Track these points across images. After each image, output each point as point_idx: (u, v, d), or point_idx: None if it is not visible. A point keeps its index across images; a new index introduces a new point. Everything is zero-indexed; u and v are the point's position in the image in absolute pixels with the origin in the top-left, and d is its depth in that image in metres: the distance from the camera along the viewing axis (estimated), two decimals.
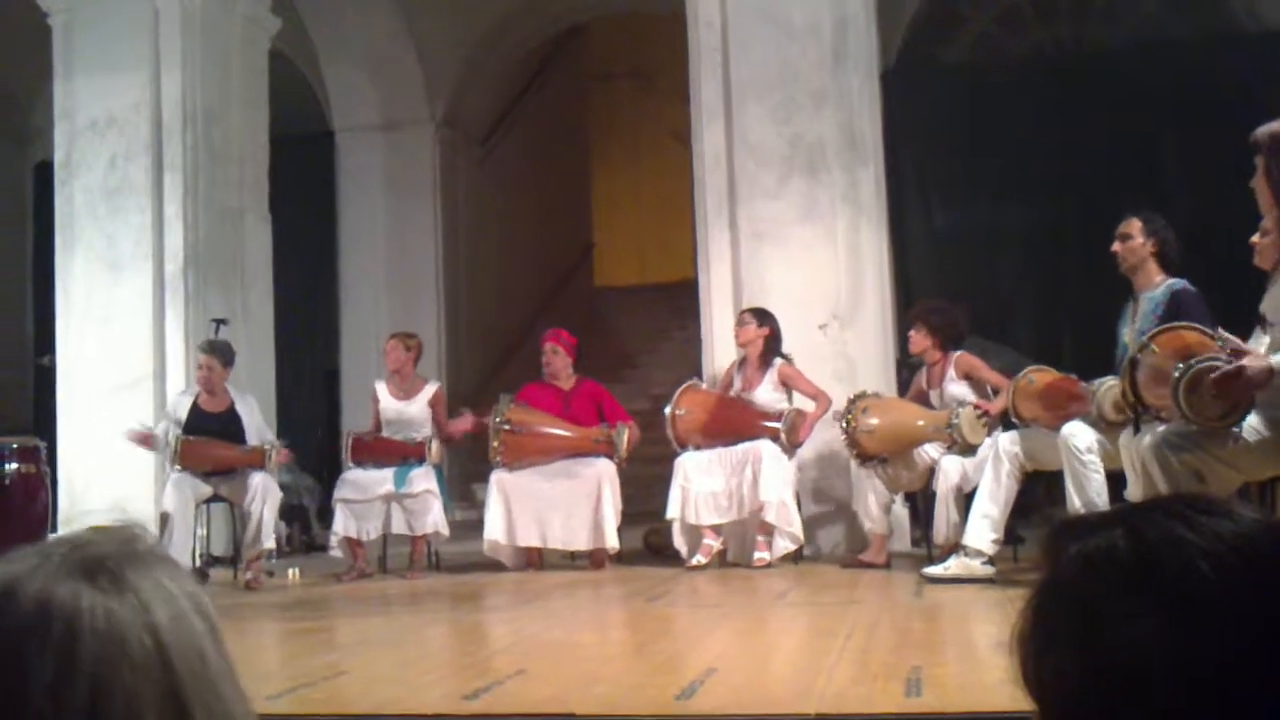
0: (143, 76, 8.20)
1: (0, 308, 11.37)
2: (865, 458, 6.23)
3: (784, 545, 6.38)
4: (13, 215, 11.79)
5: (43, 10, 8.47)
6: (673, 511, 6.51)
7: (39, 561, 0.82)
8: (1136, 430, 4.35)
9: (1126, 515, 0.83)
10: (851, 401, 6.26)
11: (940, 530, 5.89)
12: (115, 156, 8.25)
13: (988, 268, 8.96)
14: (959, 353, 6.31)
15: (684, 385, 6.84)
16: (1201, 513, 0.81)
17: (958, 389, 6.20)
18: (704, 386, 6.97)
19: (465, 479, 10.03)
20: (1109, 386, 4.99)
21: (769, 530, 6.34)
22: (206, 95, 8.31)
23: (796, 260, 7.15)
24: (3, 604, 0.80)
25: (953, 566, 5.38)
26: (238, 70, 8.60)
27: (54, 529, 6.94)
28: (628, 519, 6.94)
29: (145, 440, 6.86)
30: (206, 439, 6.75)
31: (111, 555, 0.83)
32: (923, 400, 6.40)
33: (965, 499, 5.78)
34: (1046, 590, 0.84)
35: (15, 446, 6.31)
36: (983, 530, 5.38)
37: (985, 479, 5.49)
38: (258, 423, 7.04)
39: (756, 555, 6.33)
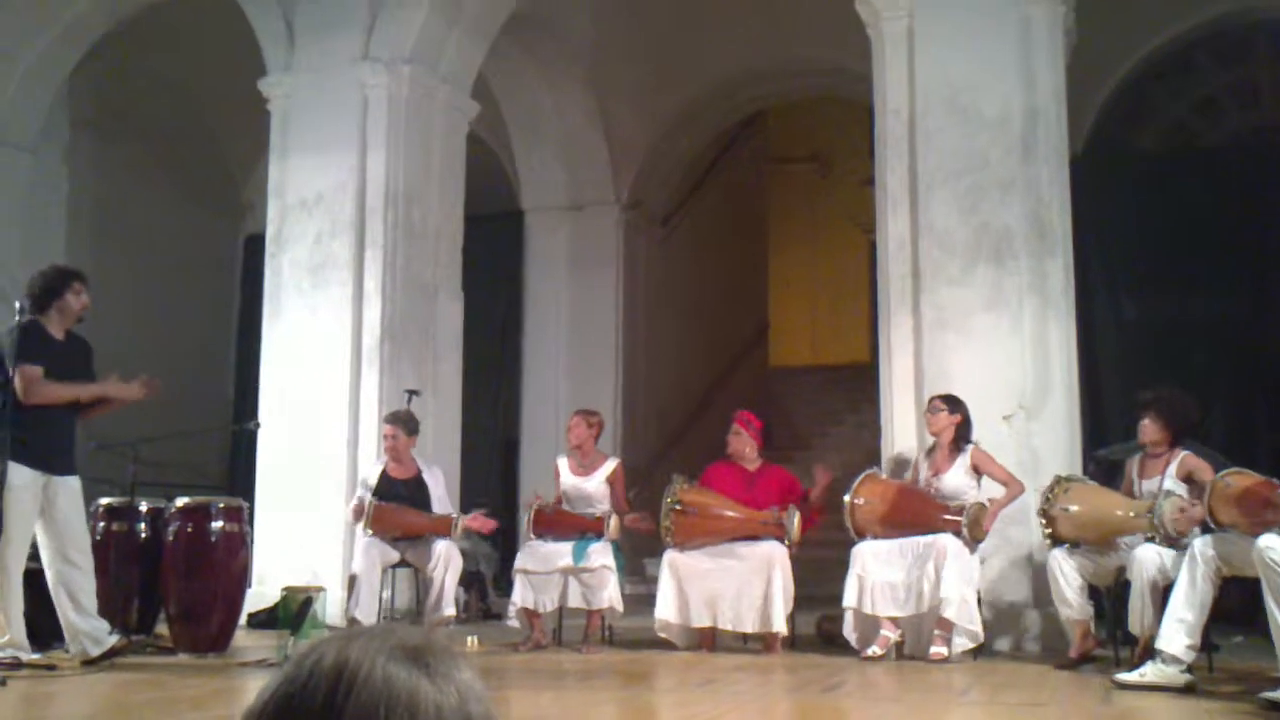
0: (350, 158, 8.68)
1: (206, 372, 12.03)
2: (1058, 540, 6.07)
3: (961, 642, 6.25)
4: (223, 285, 12.54)
5: (263, 96, 9.07)
6: (849, 600, 6.44)
7: (374, 645, 0.93)
8: None
9: None
10: (1055, 482, 6.14)
11: (1135, 622, 5.59)
12: (321, 233, 8.72)
13: (1178, 361, 8.64)
14: (1186, 452, 5.98)
15: (864, 474, 6.77)
16: None
17: (1175, 488, 5.85)
18: (884, 475, 6.91)
19: (637, 554, 10.12)
20: None
21: (948, 626, 6.22)
22: (408, 177, 8.75)
23: (980, 349, 7.06)
24: (356, 677, 0.90)
25: (1149, 673, 5.15)
26: (438, 153, 9.03)
27: (250, 586, 7.27)
28: (800, 602, 6.89)
29: (361, 512, 7.15)
30: (397, 505, 7.03)
31: (432, 648, 0.94)
32: (1128, 492, 6.16)
33: (1161, 593, 5.50)
34: None
35: (222, 505, 6.65)
36: (1178, 635, 5.14)
37: (1181, 582, 5.25)
38: (441, 494, 7.30)
39: (933, 649, 6.20)
